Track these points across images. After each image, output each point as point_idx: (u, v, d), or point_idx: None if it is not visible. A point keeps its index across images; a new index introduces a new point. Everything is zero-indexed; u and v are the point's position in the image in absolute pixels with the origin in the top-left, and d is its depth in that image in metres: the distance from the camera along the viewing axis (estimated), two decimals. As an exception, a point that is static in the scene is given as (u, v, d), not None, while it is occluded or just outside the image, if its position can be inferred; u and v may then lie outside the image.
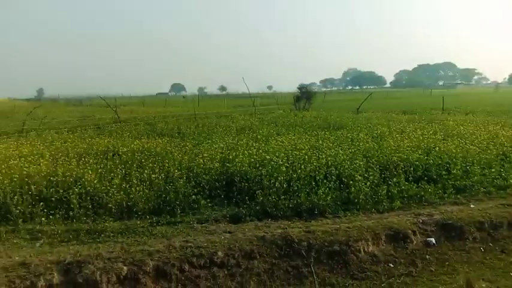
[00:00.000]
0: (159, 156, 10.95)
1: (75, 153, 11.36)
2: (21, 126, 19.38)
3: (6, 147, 12.46)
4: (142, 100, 63.42)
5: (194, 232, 7.13)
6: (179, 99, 73.04)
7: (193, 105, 30.33)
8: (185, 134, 16.71)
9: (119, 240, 6.78)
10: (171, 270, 5.94)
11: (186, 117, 24.89)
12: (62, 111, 33.54)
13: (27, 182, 8.54)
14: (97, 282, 5.64)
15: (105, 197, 8.18)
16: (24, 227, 7.36)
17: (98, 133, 17.45)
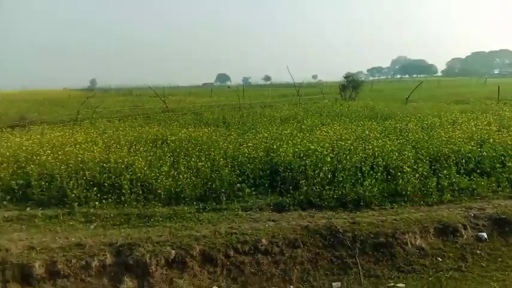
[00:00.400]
0: (205, 145, 11.19)
1: (127, 141, 11.84)
2: (75, 115, 20.36)
3: (62, 135, 13.19)
4: (189, 90, 64.72)
5: (239, 219, 7.28)
6: (224, 90, 73.79)
7: (237, 95, 30.53)
8: (230, 123, 16.91)
9: (167, 225, 7.06)
10: (216, 255, 6.13)
11: (231, 107, 25.15)
12: (113, 101, 34.87)
13: (82, 168, 9.04)
14: (146, 265, 5.93)
15: (155, 183, 8.52)
16: (79, 210, 7.82)
17: (147, 122, 18.03)
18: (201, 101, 32.65)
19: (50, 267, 5.81)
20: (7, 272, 5.69)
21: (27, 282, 5.69)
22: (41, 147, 10.77)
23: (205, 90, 64.07)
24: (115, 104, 29.96)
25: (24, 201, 8.34)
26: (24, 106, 28.65)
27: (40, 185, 8.49)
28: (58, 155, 9.81)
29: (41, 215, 7.60)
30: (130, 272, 5.89)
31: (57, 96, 48.05)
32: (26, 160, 9.70)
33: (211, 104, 27.67)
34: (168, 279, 5.80)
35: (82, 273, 5.84)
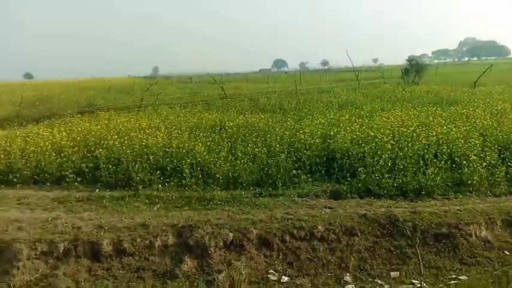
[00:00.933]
0: (261, 131, 11.29)
1: (187, 127, 12.23)
2: (140, 101, 21.30)
3: (127, 121, 13.88)
4: (246, 77, 65.21)
5: (295, 205, 7.31)
6: (281, 75, 73.52)
7: (294, 80, 30.29)
8: (286, 109, 16.87)
9: (225, 209, 7.26)
10: (273, 240, 6.21)
11: (288, 93, 25.03)
12: (174, 88, 35.98)
13: (146, 152, 9.50)
14: (206, 246, 6.14)
15: (213, 167, 8.76)
16: (143, 192, 8.23)
17: (206, 108, 18.47)
18: (257, 87, 32.78)
19: (116, 246, 6.20)
20: (79, 248, 6.15)
21: (96, 258, 6.11)
22: (108, 132, 11.43)
23: (262, 76, 64.20)
24: (176, 91, 30.90)
25: (93, 183, 8.94)
26: (92, 94, 30.37)
27: (108, 168, 9.04)
28: (124, 139, 10.35)
29: (108, 196, 8.10)
30: (191, 253, 6.13)
31: (123, 83, 50.39)
32: (94, 144, 10.36)
33: (267, 90, 27.70)
34: (227, 261, 5.98)
35: (146, 252, 6.18)
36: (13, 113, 18.70)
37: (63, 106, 20.63)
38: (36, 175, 9.25)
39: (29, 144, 10.53)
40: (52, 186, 8.99)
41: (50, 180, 9.11)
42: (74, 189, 8.70)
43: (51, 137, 11.14)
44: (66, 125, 13.63)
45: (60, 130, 12.16)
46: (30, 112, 18.78)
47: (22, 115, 17.84)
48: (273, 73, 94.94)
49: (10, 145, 10.58)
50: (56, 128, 12.85)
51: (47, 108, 19.83)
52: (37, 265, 5.96)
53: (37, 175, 9.24)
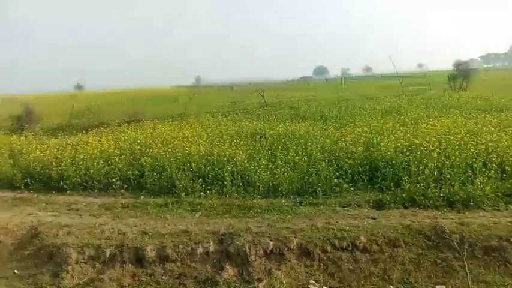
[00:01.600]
0: (302, 139, 11.22)
1: (228, 135, 12.38)
2: (183, 110, 21.82)
3: (171, 129, 14.24)
4: (287, 84, 65.25)
5: (336, 215, 7.20)
6: (322, 82, 72.98)
7: (335, 87, 30.01)
8: (327, 117, 16.71)
9: (265, 217, 7.26)
10: (313, 250, 6.13)
11: (329, 100, 24.81)
12: (216, 97, 36.66)
13: (189, 160, 9.70)
14: (246, 254, 6.16)
15: (254, 176, 8.80)
16: (186, 200, 8.39)
17: (247, 117, 18.64)
18: (297, 95, 32.71)
19: (160, 252, 6.34)
20: (124, 253, 6.35)
21: (140, 264, 6.28)
22: (153, 140, 11.78)
23: (302, 84, 63.97)
24: (217, 100, 31.44)
25: (138, 190, 9.22)
26: (138, 103, 31.47)
27: (152, 175, 9.30)
28: (168, 148, 10.63)
29: (153, 203, 8.32)
30: (231, 260, 6.17)
31: (167, 93, 51.88)
32: (140, 152, 10.70)
33: (308, 98, 27.58)
34: (267, 270, 5.96)
35: (188, 258, 6.27)
36: (64, 122, 19.68)
37: (111, 115, 21.49)
38: (85, 182, 9.67)
39: (78, 153, 11.04)
40: (99, 192, 9.36)
41: (98, 187, 9.50)
42: (120, 195, 9.02)
43: (99, 145, 11.63)
44: (114, 134, 14.18)
45: (108, 139, 12.66)
46: (80, 121, 19.70)
47: (73, 124, 18.76)
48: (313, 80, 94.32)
49: (61, 153, 11.15)
50: (104, 136, 13.40)
51: (95, 118, 20.72)
52: (85, 269, 6.21)
53: (86, 182, 9.66)
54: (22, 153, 11.77)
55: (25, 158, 11.05)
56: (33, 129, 17.88)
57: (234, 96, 37.03)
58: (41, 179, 10.11)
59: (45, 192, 9.61)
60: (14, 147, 12.59)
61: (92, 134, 14.99)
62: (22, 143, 13.15)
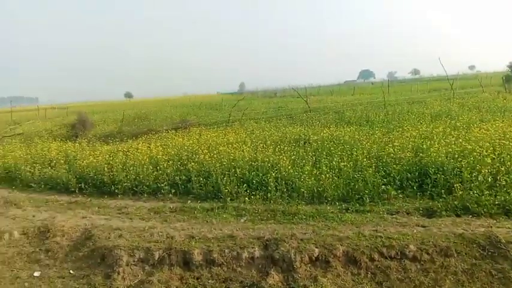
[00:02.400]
0: (347, 145, 11.06)
1: (272, 141, 12.43)
2: (227, 117, 22.13)
3: (216, 136, 14.50)
4: (331, 89, 64.52)
5: (384, 222, 7.01)
6: (367, 86, 71.55)
7: (382, 91, 29.27)
8: (374, 122, 16.35)
9: (310, 223, 7.20)
10: (360, 258, 6.00)
11: (375, 105, 24.25)
12: (259, 103, 36.85)
13: (234, 166, 9.82)
14: (291, 260, 6.13)
15: (298, 182, 8.76)
16: (231, 205, 8.49)
17: (290, 122, 18.61)
18: (342, 100, 32.24)
19: (206, 256, 6.45)
20: (172, 257, 6.51)
21: (187, 267, 6.41)
22: (199, 147, 12.05)
23: (347, 88, 63.02)
24: (261, 106, 31.61)
25: (185, 195, 9.45)
26: (185, 110, 32.27)
27: (199, 180, 9.50)
28: (213, 154, 10.83)
29: (199, 207, 8.50)
30: (276, 266, 6.16)
31: (212, 100, 52.85)
32: (187, 158, 10.97)
33: (353, 102, 27.11)
34: (312, 277, 5.90)
35: (233, 263, 6.33)
36: (115, 129, 20.53)
37: (159, 122, 22.20)
38: (134, 187, 10.03)
39: (129, 158, 11.49)
40: (149, 197, 9.68)
41: (147, 192, 9.82)
42: (168, 200, 9.28)
43: (148, 151, 12.06)
44: (162, 140, 14.63)
45: (157, 145, 13.09)
46: (130, 128, 20.48)
47: (123, 131, 19.53)
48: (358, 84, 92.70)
49: (113, 159, 11.64)
50: (152, 143, 13.87)
51: (144, 125, 21.48)
52: (135, 271, 6.42)
53: (135, 187, 10.02)
54: (76, 159, 12.41)
55: (79, 164, 11.64)
56: (86, 136, 18.82)
57: (277, 102, 37.10)
58: (94, 184, 10.61)
59: (98, 197, 10.08)
60: (69, 154, 13.29)
61: (142, 140, 15.55)
62: (76, 150, 13.87)
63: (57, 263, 6.95)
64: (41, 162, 12.66)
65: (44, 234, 7.72)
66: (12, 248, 7.44)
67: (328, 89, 69.59)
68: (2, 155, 14.08)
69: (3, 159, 13.42)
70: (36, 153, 13.96)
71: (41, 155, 13.48)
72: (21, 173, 11.96)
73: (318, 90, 64.06)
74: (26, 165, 12.37)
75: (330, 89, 67.10)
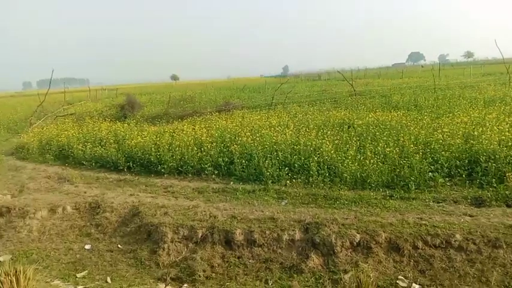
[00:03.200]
0: (393, 130, 10.78)
1: (315, 125, 12.33)
2: (270, 100, 22.10)
3: (259, 119, 14.56)
4: (378, 72, 62.66)
5: (429, 210, 6.83)
6: (417, 69, 68.80)
7: (432, 75, 28.06)
8: (422, 106, 15.75)
9: (352, 209, 7.14)
10: (403, 245, 5.91)
11: (424, 89, 23.33)
12: (303, 86, 36.48)
13: (275, 149, 9.86)
14: (332, 244, 6.13)
15: (341, 166, 8.67)
16: (272, 187, 8.57)
17: (334, 106, 18.33)
18: (390, 83, 31.25)
19: (247, 236, 6.59)
20: (215, 235, 6.70)
21: (229, 246, 6.58)
22: (242, 129, 12.17)
23: (396, 71, 60.95)
24: (305, 89, 31.29)
25: (228, 176, 9.62)
26: (228, 93, 32.55)
27: (241, 162, 9.64)
28: (256, 136, 10.91)
29: (241, 189, 8.64)
30: (316, 250, 6.19)
31: (255, 83, 52.90)
32: (230, 141, 11.13)
33: (401, 86, 26.24)
34: (353, 262, 5.89)
35: (274, 244, 6.43)
36: (162, 111, 21.08)
37: (203, 105, 22.56)
38: (180, 167, 10.33)
39: (175, 139, 11.82)
40: (193, 177, 9.95)
41: (192, 172, 10.10)
42: (211, 181, 9.50)
43: (193, 133, 12.34)
44: (206, 122, 14.91)
45: (201, 127, 13.37)
46: (175, 110, 20.94)
47: (169, 113, 20.01)
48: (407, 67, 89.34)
49: (159, 140, 12.02)
50: (197, 125, 14.17)
51: (189, 107, 21.90)
52: (179, 248, 6.68)
53: (181, 167, 10.32)
54: (125, 139, 12.92)
55: (128, 144, 12.12)
56: (134, 117, 19.48)
57: (321, 85, 36.56)
58: (141, 163, 11.03)
59: (145, 175, 10.48)
60: (118, 134, 13.84)
61: (187, 122, 15.91)
62: (125, 130, 14.42)
63: (106, 237, 7.35)
64: (92, 141, 13.29)
65: (95, 210, 8.17)
66: (65, 221, 7.95)
67: (375, 71, 67.61)
68: (56, 134, 14.89)
69: (57, 138, 14.20)
70: (88, 132, 14.66)
71: (92, 135, 14.15)
72: (74, 151, 12.64)
73: (364, 73, 62.36)
74: (78, 143, 13.04)
75: (377, 72, 65.16)
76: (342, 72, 35.10)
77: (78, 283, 5.72)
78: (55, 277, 5.97)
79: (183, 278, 6.01)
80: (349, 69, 44.30)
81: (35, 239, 7.41)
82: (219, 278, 5.99)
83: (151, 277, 6.03)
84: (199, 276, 5.97)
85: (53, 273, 6.15)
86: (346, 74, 33.10)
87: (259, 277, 5.90)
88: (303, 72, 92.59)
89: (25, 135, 16.13)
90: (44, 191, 9.61)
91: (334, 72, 41.48)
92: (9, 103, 38.20)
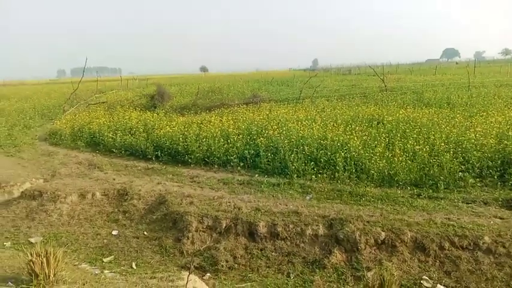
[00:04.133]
0: (424, 127, 10.53)
1: (343, 120, 12.19)
2: (298, 94, 21.94)
3: (286, 112, 14.51)
4: (410, 68, 61.12)
5: (458, 211, 6.66)
6: (451, 66, 66.72)
7: (467, 72, 27.16)
8: (455, 104, 15.31)
9: (378, 206, 7.05)
10: (429, 245, 5.80)
11: (458, 86, 22.61)
12: (332, 80, 35.97)
13: (302, 143, 9.81)
14: (356, 241, 6.08)
15: (368, 163, 8.56)
16: (297, 181, 8.56)
17: (364, 101, 18.03)
18: (422, 79, 30.43)
19: (271, 229, 6.61)
20: (238, 226, 6.76)
21: (252, 238, 6.63)
22: (268, 122, 12.17)
23: (429, 68, 59.36)
24: (334, 84, 30.89)
25: (253, 169, 9.67)
26: (256, 85, 32.52)
27: (267, 155, 9.66)
28: (282, 130, 10.90)
29: (266, 181, 8.67)
30: (340, 246, 6.16)
31: (284, 76, 52.62)
32: (256, 133, 11.16)
33: (434, 83, 25.51)
34: (377, 260, 5.83)
35: (297, 238, 6.43)
36: (191, 102, 21.29)
37: (231, 97, 22.62)
38: (206, 157, 10.45)
39: (202, 130, 11.95)
40: (219, 168, 10.05)
41: (217, 163, 10.19)
42: (236, 172, 9.57)
43: (220, 124, 12.43)
44: (233, 114, 14.97)
45: (228, 119, 13.44)
46: (204, 101, 21.11)
47: (197, 104, 20.20)
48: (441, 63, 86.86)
49: (187, 130, 12.18)
50: (224, 116, 14.25)
51: (217, 99, 22.00)
52: (203, 237, 6.78)
53: (207, 158, 10.43)
54: (154, 128, 13.15)
55: (156, 133, 12.34)
56: (164, 107, 19.77)
57: (351, 80, 36.01)
58: (169, 152, 11.22)
59: (172, 165, 10.66)
60: (147, 123, 14.11)
61: (214, 113, 16.04)
62: (154, 120, 14.67)
63: (133, 224, 7.54)
64: (122, 129, 13.59)
65: (123, 197, 8.38)
66: (94, 207, 8.19)
67: (407, 67, 65.98)
68: (88, 121, 15.31)
69: (88, 125, 14.61)
70: (118, 121, 14.99)
71: (122, 123, 14.45)
72: (104, 139, 12.97)
73: (396, 68, 60.99)
74: (108, 131, 13.37)
75: (409, 67, 63.56)
76: (373, 67, 34.43)
77: (105, 267, 5.89)
78: (83, 260, 6.18)
79: (206, 267, 6.10)
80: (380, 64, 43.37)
81: (65, 223, 7.68)
82: (241, 269, 6.05)
83: (175, 265, 6.15)
84: (222, 266, 6.05)
85: (80, 256, 6.36)
86: (377, 69, 32.48)
87: (281, 270, 5.92)
88: (333, 66, 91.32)
89: (58, 122, 16.68)
90: (75, 176, 9.93)
91: (365, 66, 40.68)
92: (44, 90, 39.39)
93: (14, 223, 7.66)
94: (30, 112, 20.73)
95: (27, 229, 7.41)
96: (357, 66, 68.89)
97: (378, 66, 41.82)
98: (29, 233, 7.26)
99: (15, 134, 15.41)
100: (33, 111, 21.05)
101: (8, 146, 13.43)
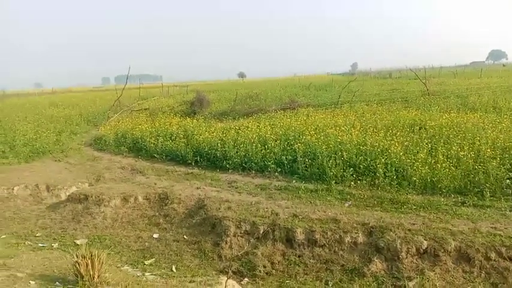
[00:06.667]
0: (469, 133, 10.14)
1: (383, 125, 11.94)
2: (337, 98, 21.70)
3: (324, 117, 14.38)
4: (454, 71, 58.96)
5: (505, 220, 6.37)
6: (498, 69, 63.82)
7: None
8: (502, 109, 14.64)
9: (420, 214, 6.85)
10: (474, 255, 5.57)
11: (506, 90, 21.61)
12: (372, 84, 35.29)
13: (340, 149, 9.69)
14: (397, 250, 5.94)
15: (409, 169, 8.33)
16: (335, 188, 8.45)
17: (405, 106, 17.57)
18: (467, 83, 29.29)
19: (309, 235, 6.57)
20: (276, 232, 6.76)
21: (290, 244, 6.61)
22: (306, 128, 12.11)
23: (474, 70, 57.07)
24: (373, 88, 30.29)
25: (290, 174, 9.64)
26: (294, 91, 32.44)
27: (304, 161, 9.61)
28: (320, 135, 10.81)
29: (303, 187, 8.62)
30: (380, 254, 6.03)
31: (322, 81, 52.19)
32: (294, 139, 11.13)
33: (479, 86, 24.49)
34: (419, 269, 5.66)
35: (335, 246, 6.36)
36: (229, 108, 21.56)
37: (268, 102, 22.71)
38: (244, 163, 10.53)
39: (240, 136, 12.07)
40: (256, 173, 10.09)
41: (255, 169, 10.24)
42: (274, 178, 9.57)
43: (257, 130, 12.51)
44: (271, 120, 15.02)
45: (266, 124, 13.50)
46: (241, 107, 21.31)
47: (235, 110, 20.43)
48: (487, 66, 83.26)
49: (226, 136, 12.33)
50: (262, 122, 14.34)
51: (255, 104, 22.16)
52: (241, 242, 6.83)
53: (245, 163, 10.51)
54: (194, 134, 13.41)
55: (196, 139, 12.58)
56: (203, 113, 20.13)
57: (391, 84, 35.19)
58: (208, 158, 11.40)
59: (211, 170, 10.82)
60: (187, 129, 14.40)
61: (252, 119, 16.16)
62: (194, 126, 14.95)
63: (173, 228, 7.71)
64: (163, 135, 13.94)
65: (164, 201, 8.59)
66: (136, 210, 8.44)
67: (451, 70, 63.72)
68: (131, 127, 15.82)
69: (131, 131, 15.09)
70: (159, 126, 15.39)
71: (164, 129, 14.83)
72: (146, 144, 13.36)
73: (439, 71, 59.05)
74: (150, 137, 13.76)
75: (453, 70, 61.34)
76: (415, 70, 33.48)
77: (146, 270, 6.06)
78: (125, 262, 6.38)
79: (244, 272, 6.15)
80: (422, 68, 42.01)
81: (109, 226, 7.96)
82: (279, 275, 6.05)
83: (213, 269, 6.24)
84: (259, 272, 6.08)
85: (123, 258, 6.57)
86: (419, 73, 31.55)
87: (319, 277, 5.87)
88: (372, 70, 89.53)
89: (103, 128, 17.33)
90: (118, 180, 10.29)
91: (406, 70, 39.63)
92: (89, 97, 41.04)
93: (61, 225, 8.03)
94: (77, 119, 21.65)
95: (73, 231, 7.75)
96: (397, 70, 67.20)
97: (419, 69, 40.55)
98: (75, 234, 7.58)
99: (62, 139, 16.14)
100: (80, 118, 21.99)
101: (56, 152, 14.08)
